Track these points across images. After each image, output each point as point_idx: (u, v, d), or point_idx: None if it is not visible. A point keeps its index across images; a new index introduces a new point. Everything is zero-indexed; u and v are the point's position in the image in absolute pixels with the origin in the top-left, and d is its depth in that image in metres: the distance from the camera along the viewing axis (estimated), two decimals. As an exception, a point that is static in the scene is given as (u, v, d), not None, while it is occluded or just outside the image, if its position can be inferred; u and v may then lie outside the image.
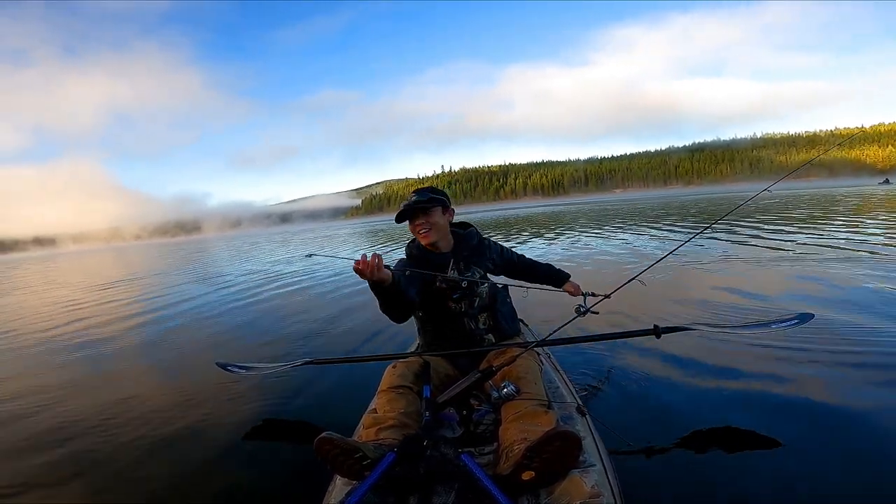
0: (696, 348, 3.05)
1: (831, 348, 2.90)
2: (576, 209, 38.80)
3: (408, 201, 1.99)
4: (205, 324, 5.79)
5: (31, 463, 2.40)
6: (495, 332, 2.06)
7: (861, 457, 1.84)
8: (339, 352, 3.97)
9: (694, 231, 11.23)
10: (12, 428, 2.90)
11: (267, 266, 13.23)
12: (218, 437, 2.49)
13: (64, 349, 4.94)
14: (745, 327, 2.28)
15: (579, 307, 2.37)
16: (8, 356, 4.98)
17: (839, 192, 32.61)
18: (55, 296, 10.93)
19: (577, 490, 1.24)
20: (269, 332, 4.96)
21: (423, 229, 1.97)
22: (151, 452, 2.39)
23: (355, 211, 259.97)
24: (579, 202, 76.14)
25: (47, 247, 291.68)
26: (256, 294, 7.83)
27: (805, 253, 6.91)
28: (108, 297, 9.42)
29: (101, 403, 3.14)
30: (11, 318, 7.85)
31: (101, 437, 2.63)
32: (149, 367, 4.07)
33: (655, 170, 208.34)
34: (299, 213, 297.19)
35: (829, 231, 9.55)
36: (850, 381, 2.47)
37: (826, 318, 3.45)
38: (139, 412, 2.93)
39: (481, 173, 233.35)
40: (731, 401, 2.38)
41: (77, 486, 2.14)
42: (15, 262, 51.89)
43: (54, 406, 3.18)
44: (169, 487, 2.06)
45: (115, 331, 5.83)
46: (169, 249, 41.31)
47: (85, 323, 6.58)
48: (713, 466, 1.87)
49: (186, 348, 4.63)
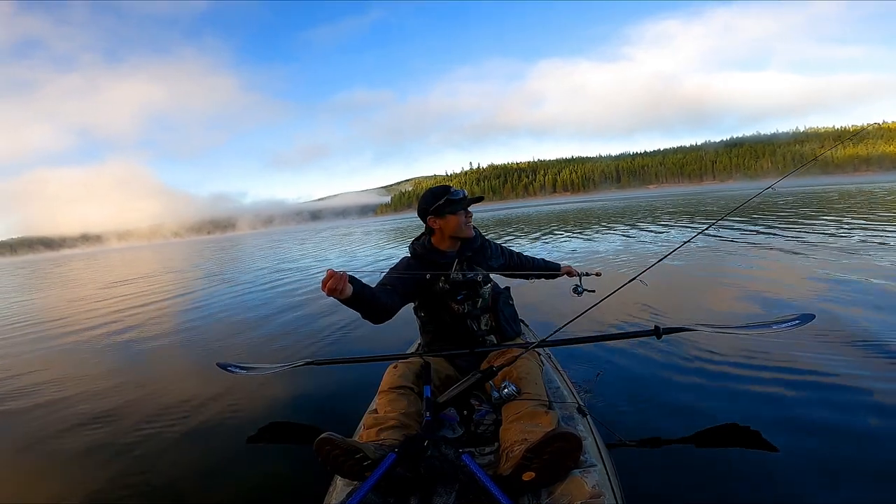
0: (697, 348, 3.05)
1: (832, 349, 2.89)
2: (601, 206, 38.04)
3: (459, 193, 1.98)
4: (206, 323, 5.85)
5: (28, 462, 2.45)
6: (497, 333, 2.06)
7: (860, 457, 1.83)
8: (339, 352, 3.98)
9: (696, 229, 11.19)
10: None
11: (274, 265, 13.56)
12: (218, 438, 2.51)
13: (65, 351, 5.09)
14: (746, 328, 2.24)
15: (576, 287, 2.50)
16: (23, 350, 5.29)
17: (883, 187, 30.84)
18: (69, 295, 11.59)
19: (578, 490, 1.24)
20: (269, 332, 4.99)
21: (471, 222, 2.04)
22: (151, 452, 2.40)
23: (385, 208, 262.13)
24: (610, 199, 74.64)
25: (94, 244, 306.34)
26: (259, 293, 7.97)
27: (815, 251, 6.81)
28: (120, 295, 9.96)
29: (101, 403, 3.18)
30: (27, 315, 8.33)
31: (101, 436, 2.65)
32: (149, 367, 4.08)
33: (690, 165, 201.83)
34: (329, 210, 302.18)
35: (844, 229, 9.27)
36: (850, 383, 2.45)
37: (829, 319, 3.44)
38: (139, 412, 2.95)
39: (510, 170, 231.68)
40: (731, 401, 2.38)
41: (78, 487, 2.15)
42: (59, 260, 54.59)
43: (51, 406, 3.24)
44: (169, 487, 2.07)
45: (117, 328, 6.05)
46: (198, 247, 42.77)
47: (95, 321, 6.85)
48: (714, 466, 1.87)
49: (187, 348, 4.68)
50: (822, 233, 8.94)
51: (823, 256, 6.32)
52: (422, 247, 2.05)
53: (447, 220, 1.96)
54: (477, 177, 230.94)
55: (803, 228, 9.97)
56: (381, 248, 16.09)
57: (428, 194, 2.00)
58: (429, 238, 2.06)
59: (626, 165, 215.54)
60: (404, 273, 1.92)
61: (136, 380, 3.71)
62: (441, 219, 1.97)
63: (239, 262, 16.39)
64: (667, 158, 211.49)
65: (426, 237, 2.08)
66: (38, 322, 7.40)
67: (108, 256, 43.73)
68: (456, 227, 1.97)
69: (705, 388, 2.55)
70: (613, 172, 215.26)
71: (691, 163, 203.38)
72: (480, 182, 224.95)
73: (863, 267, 5.38)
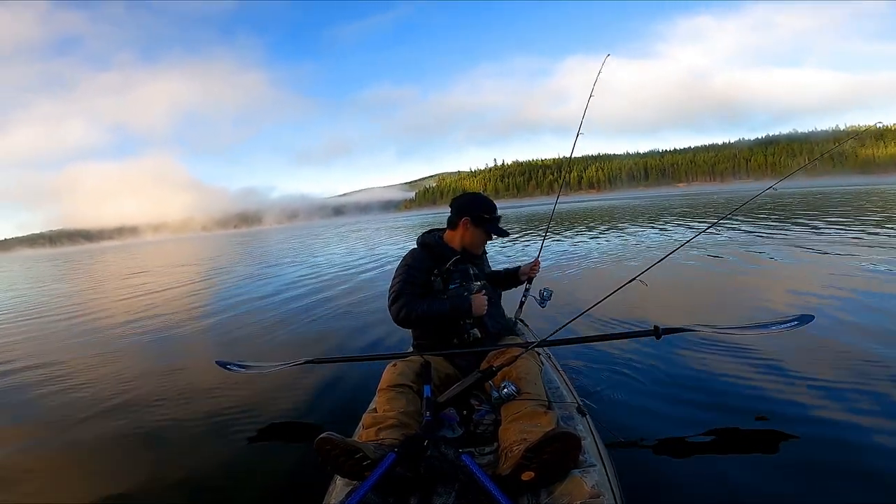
0: (696, 348, 3.06)
1: (831, 351, 2.88)
2: (624, 204, 37.45)
3: (499, 223, 2.11)
4: (208, 322, 5.87)
5: (23, 463, 2.45)
6: (482, 330, 2.04)
7: (860, 458, 1.83)
8: (338, 350, 3.98)
9: (698, 230, 10.99)
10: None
11: (279, 262, 13.78)
12: (217, 437, 2.50)
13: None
14: (745, 328, 2.24)
15: (542, 294, 2.50)
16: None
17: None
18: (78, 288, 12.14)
19: (577, 490, 1.24)
20: (270, 331, 5.00)
21: (485, 247, 2.18)
22: (150, 451, 2.41)
23: (409, 203, 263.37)
24: (636, 197, 73.32)
25: (131, 236, 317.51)
26: (262, 292, 7.99)
27: (823, 252, 6.73)
28: (126, 290, 10.37)
29: (101, 401, 3.19)
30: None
31: (102, 434, 2.66)
32: (148, 366, 4.03)
33: (723, 163, 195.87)
34: (352, 205, 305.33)
35: (854, 230, 9.02)
36: (849, 385, 2.43)
37: (829, 320, 3.43)
38: (138, 411, 2.95)
39: (535, 167, 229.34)
40: (731, 401, 2.37)
41: (77, 487, 2.15)
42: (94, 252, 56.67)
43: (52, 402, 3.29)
44: (168, 487, 2.05)
45: (119, 323, 6.21)
46: (221, 241, 43.79)
47: (98, 314, 7.08)
48: (714, 466, 1.87)
49: (187, 346, 4.69)
50: (837, 233, 8.78)
51: (834, 257, 6.25)
52: (433, 239, 2.10)
53: (476, 230, 2.05)
54: (501, 173, 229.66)
55: (816, 228, 9.85)
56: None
57: (478, 199, 2.08)
58: (441, 232, 2.12)
59: (655, 163, 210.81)
60: (417, 269, 2.01)
61: (136, 377, 3.70)
62: (473, 226, 2.04)
63: (248, 260, 16.59)
64: (697, 156, 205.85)
65: (439, 232, 2.13)
66: (35, 314, 7.77)
67: (146, 248, 45.15)
68: (478, 241, 2.07)
69: (705, 388, 2.55)
70: (641, 170, 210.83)
71: (724, 161, 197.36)
72: (504, 179, 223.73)
73: (875, 269, 5.26)
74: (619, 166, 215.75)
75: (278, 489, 1.99)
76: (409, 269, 2.00)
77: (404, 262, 2.05)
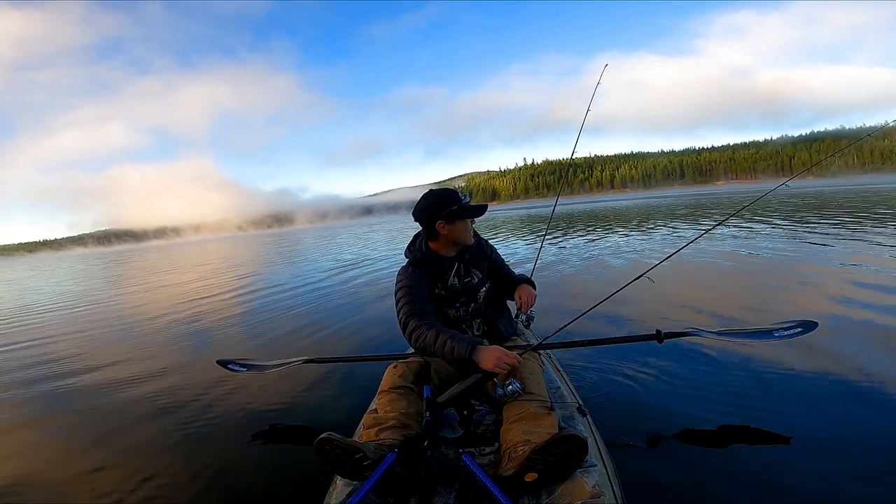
0: (697, 350, 3.04)
1: (834, 356, 2.83)
2: (657, 203, 36.37)
3: (468, 201, 1.93)
4: (208, 321, 5.92)
5: (21, 464, 2.46)
6: (490, 336, 2.00)
7: (860, 458, 1.83)
8: (339, 351, 3.96)
9: (703, 229, 10.89)
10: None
11: (289, 262, 14.10)
12: (217, 437, 2.51)
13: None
14: (748, 336, 2.18)
15: (529, 316, 2.38)
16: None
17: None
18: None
19: (578, 490, 1.24)
20: (270, 330, 5.03)
21: (472, 231, 2.00)
22: (150, 451, 2.41)
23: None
24: (672, 195, 71.19)
25: (175, 236, 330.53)
26: (266, 291, 8.10)
27: (832, 255, 6.46)
28: (130, 290, 10.85)
29: (102, 400, 3.23)
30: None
31: (101, 434, 2.68)
32: (148, 365, 4.05)
33: (764, 160, 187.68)
34: (381, 205, 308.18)
35: (869, 233, 8.45)
36: (850, 388, 2.42)
37: (834, 327, 3.36)
38: (138, 410, 2.97)
39: (565, 165, 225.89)
40: (731, 403, 2.36)
41: (69, 486, 2.15)
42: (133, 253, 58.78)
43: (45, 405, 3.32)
44: (168, 487, 2.05)
45: (124, 323, 6.42)
46: (250, 241, 44.90)
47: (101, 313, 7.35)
48: (714, 467, 1.87)
49: (188, 346, 4.72)
50: (859, 234, 8.42)
51: (847, 259, 6.00)
52: (420, 253, 1.96)
53: (455, 226, 1.89)
54: (531, 172, 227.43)
55: (831, 230, 9.39)
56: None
57: (437, 198, 1.90)
58: (425, 242, 1.98)
59: (691, 161, 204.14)
60: (417, 288, 1.88)
61: (135, 376, 3.71)
62: (450, 224, 1.89)
63: (263, 260, 16.85)
64: (737, 153, 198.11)
65: (422, 241, 1.99)
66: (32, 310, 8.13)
67: (191, 247, 46.53)
68: (463, 233, 1.92)
69: (705, 388, 2.54)
70: (677, 168, 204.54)
71: (766, 158, 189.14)
72: (535, 178, 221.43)
73: (885, 275, 5.01)
74: (654, 164, 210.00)
75: (278, 489, 1.99)
76: (410, 290, 1.87)
77: (402, 283, 1.90)
